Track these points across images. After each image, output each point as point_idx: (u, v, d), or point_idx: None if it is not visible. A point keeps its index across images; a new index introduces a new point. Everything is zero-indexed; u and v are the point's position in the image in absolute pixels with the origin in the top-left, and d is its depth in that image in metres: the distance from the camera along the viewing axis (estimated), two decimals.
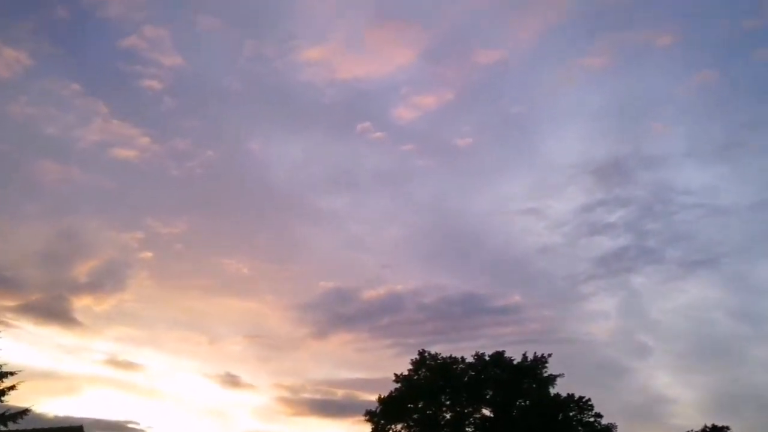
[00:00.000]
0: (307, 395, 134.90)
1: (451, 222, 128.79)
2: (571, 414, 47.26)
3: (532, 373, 48.36)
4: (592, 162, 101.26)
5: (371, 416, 48.37)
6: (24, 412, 44.58)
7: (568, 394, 47.84)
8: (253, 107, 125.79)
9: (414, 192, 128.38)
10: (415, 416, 47.75)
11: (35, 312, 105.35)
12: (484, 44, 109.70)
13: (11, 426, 43.29)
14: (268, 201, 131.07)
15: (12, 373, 45.48)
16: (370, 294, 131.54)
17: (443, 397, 48.18)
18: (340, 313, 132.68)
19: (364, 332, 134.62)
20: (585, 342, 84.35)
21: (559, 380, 48.42)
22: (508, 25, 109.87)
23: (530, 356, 48.95)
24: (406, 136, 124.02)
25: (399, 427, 47.71)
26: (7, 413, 44.20)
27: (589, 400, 47.78)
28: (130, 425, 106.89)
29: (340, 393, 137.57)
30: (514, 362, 49.00)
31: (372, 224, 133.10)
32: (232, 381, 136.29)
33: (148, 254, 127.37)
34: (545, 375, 48.45)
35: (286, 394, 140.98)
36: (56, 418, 53.30)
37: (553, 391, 48.15)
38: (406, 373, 49.41)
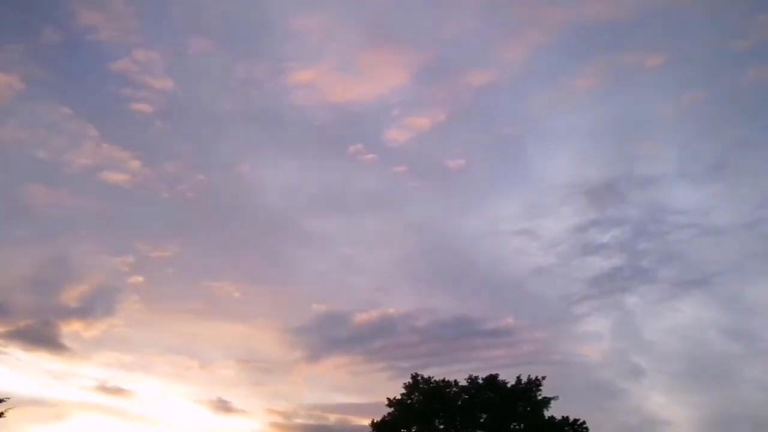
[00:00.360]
0: (300, 420, 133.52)
1: (444, 243, 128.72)
2: None
3: (526, 396, 48.02)
4: (584, 182, 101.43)
5: None
6: None
7: (562, 416, 47.50)
8: (245, 130, 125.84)
9: (406, 214, 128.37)
10: None
11: (24, 338, 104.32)
12: (475, 66, 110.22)
13: None
14: (260, 224, 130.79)
15: (1, 400, 45.06)
16: (362, 317, 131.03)
17: (437, 421, 47.78)
18: (332, 337, 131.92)
19: (358, 355, 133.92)
20: (579, 363, 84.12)
21: (553, 402, 48.10)
22: (499, 46, 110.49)
23: (524, 379, 48.66)
24: (398, 157, 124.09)
25: None
26: None
27: (584, 422, 47.42)
28: None
29: (333, 418, 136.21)
30: (508, 385, 48.66)
31: (364, 246, 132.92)
32: (223, 406, 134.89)
33: (139, 278, 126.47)
34: (539, 398, 48.10)
35: (278, 419, 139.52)
36: None
37: (547, 413, 47.78)
38: (399, 396, 49.08)
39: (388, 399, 49.02)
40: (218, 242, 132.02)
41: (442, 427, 47.66)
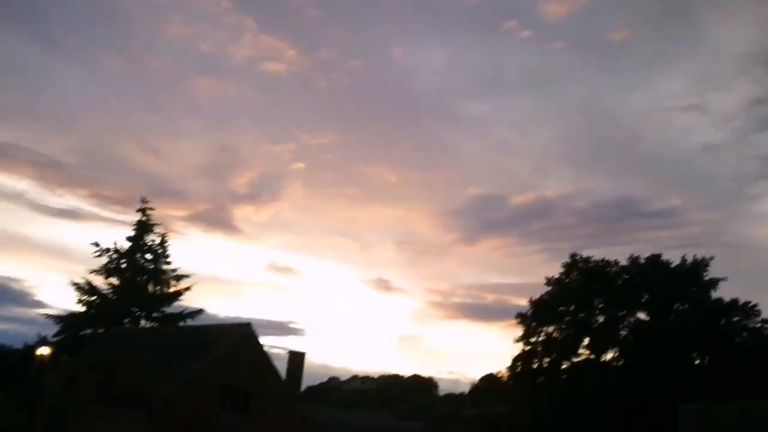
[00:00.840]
0: (457, 299, 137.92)
1: (605, 122, 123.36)
2: (734, 319, 44.91)
3: (691, 277, 46.19)
4: (765, 51, 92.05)
5: (522, 319, 48.72)
6: (199, 311, 49.20)
7: (731, 299, 45.35)
8: (396, 13, 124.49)
9: (564, 92, 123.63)
10: (566, 319, 47.52)
11: (202, 221, 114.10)
12: None
13: (188, 323, 47.89)
14: (414, 108, 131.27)
15: (186, 276, 50.01)
16: (519, 199, 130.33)
17: (596, 300, 47.41)
18: (488, 219, 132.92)
19: (514, 237, 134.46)
20: (751, 246, 79.67)
21: (721, 284, 45.88)
22: None
23: (690, 259, 46.67)
24: (555, 33, 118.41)
25: (551, 329, 47.76)
26: (185, 312, 48.97)
27: (756, 305, 45.04)
28: (290, 325, 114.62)
29: (490, 297, 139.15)
30: (672, 265, 46.99)
31: (520, 128, 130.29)
32: (384, 285, 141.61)
33: (300, 165, 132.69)
34: (706, 279, 46.06)
35: (437, 298, 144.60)
36: (226, 317, 58.18)
37: (714, 295, 45.84)
38: (557, 276, 49.02)
39: (546, 278, 49.13)
40: (374, 128, 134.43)
41: (601, 306, 47.30)
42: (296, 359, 37.77)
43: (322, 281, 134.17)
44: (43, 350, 19.04)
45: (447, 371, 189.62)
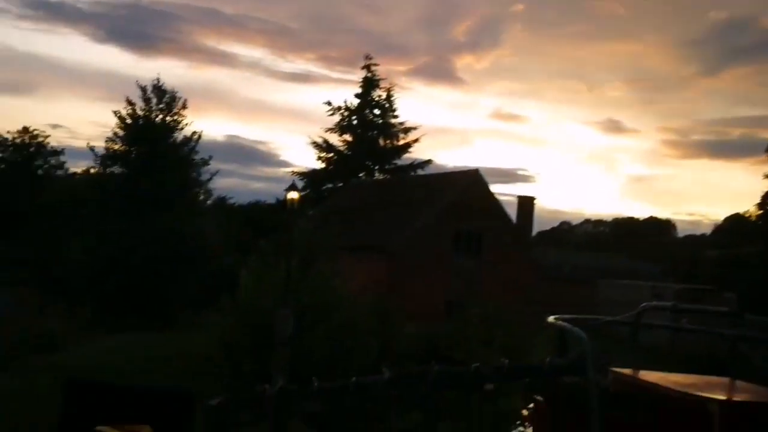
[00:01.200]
0: (696, 137, 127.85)
1: None
2: None
3: None
4: None
5: None
6: (427, 162, 50.89)
7: None
8: None
9: None
10: None
11: (424, 74, 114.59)
12: None
13: (418, 173, 49.80)
14: None
15: (413, 129, 51.52)
16: None
17: None
18: (734, 45, 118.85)
19: (766, 64, 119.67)
20: None
21: None
22: None
23: None
24: None
25: None
26: (414, 163, 50.89)
27: None
28: (519, 172, 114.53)
29: (735, 132, 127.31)
30: None
31: None
32: (614, 126, 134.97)
33: (520, 6, 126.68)
34: None
35: (672, 137, 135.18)
36: (454, 167, 59.43)
37: None
38: None
39: None
40: None
41: None
42: (525, 204, 38.11)
43: (548, 126, 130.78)
44: (293, 194, 20.92)
45: (686, 213, 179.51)
